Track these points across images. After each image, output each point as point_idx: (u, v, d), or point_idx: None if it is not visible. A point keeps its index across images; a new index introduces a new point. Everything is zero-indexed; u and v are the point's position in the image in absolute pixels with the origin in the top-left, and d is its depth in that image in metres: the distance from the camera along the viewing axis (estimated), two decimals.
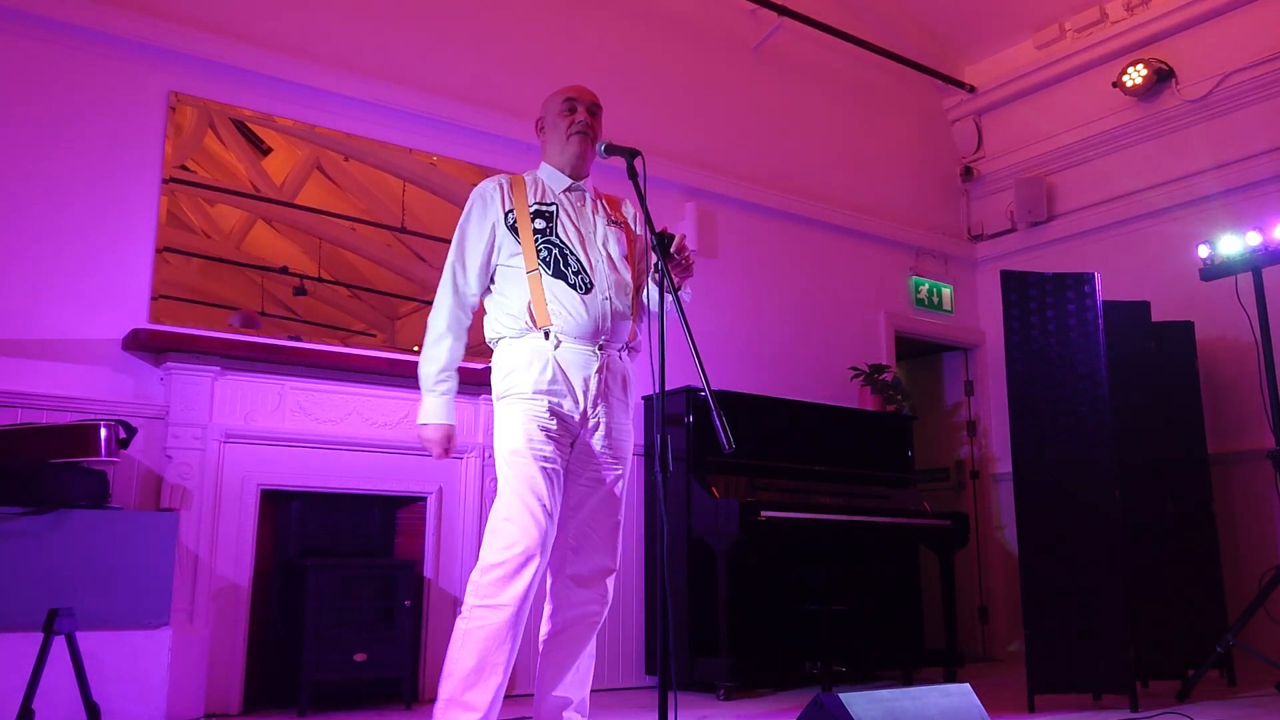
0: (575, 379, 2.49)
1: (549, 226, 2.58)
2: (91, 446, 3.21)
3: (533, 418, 2.45)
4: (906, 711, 2.28)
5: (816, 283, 5.81)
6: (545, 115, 2.76)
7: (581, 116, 2.70)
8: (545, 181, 2.69)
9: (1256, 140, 5.33)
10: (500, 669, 2.31)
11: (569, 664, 2.53)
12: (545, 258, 2.53)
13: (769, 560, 4.71)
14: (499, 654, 2.30)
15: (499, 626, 2.30)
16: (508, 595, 2.31)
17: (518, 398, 2.48)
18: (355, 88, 4.32)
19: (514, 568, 2.33)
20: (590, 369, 2.51)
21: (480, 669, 2.29)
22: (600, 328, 2.52)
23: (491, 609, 2.31)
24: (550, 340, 2.49)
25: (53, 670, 2.48)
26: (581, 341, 2.51)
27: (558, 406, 2.48)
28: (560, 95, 2.75)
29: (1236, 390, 5.16)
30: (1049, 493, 3.85)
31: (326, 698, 3.74)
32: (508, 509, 2.39)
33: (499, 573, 2.33)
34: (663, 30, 5.48)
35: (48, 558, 2.92)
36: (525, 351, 2.50)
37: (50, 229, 3.64)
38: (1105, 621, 3.69)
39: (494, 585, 2.32)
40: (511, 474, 2.43)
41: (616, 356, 2.59)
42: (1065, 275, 4.01)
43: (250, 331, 3.90)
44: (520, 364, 2.49)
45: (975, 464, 6.39)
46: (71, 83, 3.76)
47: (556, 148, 2.70)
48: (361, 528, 4.12)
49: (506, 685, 2.35)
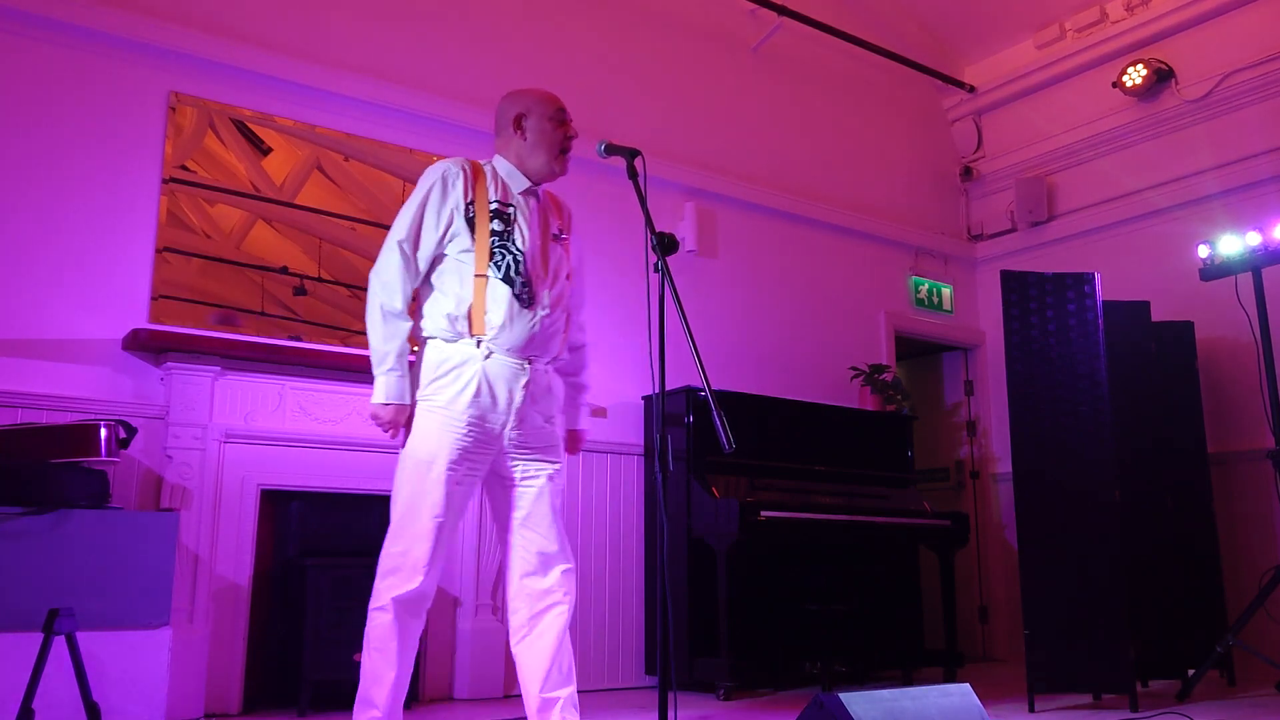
0: (500, 392, 2.49)
1: (506, 230, 2.54)
2: (92, 446, 3.21)
3: (450, 431, 2.46)
4: (906, 711, 2.28)
5: (816, 283, 5.81)
6: (528, 112, 2.64)
7: (572, 133, 2.66)
8: (505, 179, 2.62)
9: (1256, 140, 5.33)
10: (391, 666, 2.41)
11: (545, 662, 2.52)
12: (498, 262, 2.50)
13: (769, 560, 4.71)
14: (388, 654, 2.41)
15: (386, 628, 2.42)
16: (394, 599, 2.42)
17: (436, 408, 2.47)
18: (355, 88, 4.32)
19: (404, 575, 2.43)
20: (517, 383, 2.51)
21: (376, 669, 2.42)
22: (534, 343, 2.52)
23: (381, 611, 2.43)
24: (482, 350, 2.47)
25: (53, 670, 2.48)
26: (513, 354, 2.50)
27: (478, 421, 2.47)
28: (549, 100, 2.67)
29: (1236, 390, 5.15)
30: (1049, 493, 3.85)
31: (326, 698, 3.74)
32: (405, 518, 2.46)
33: (390, 579, 2.44)
34: (663, 30, 5.48)
35: (48, 558, 2.92)
36: (454, 359, 2.48)
37: (50, 229, 3.64)
38: (1105, 621, 3.69)
39: (385, 590, 2.44)
40: (413, 484, 2.46)
41: (543, 370, 2.59)
42: (1065, 275, 4.01)
43: (230, 329, 3.87)
44: (448, 372, 2.48)
45: (975, 464, 6.39)
46: (71, 83, 3.76)
47: (537, 155, 2.62)
48: (361, 528, 4.11)
49: (406, 683, 2.45)
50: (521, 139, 2.64)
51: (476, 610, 4.14)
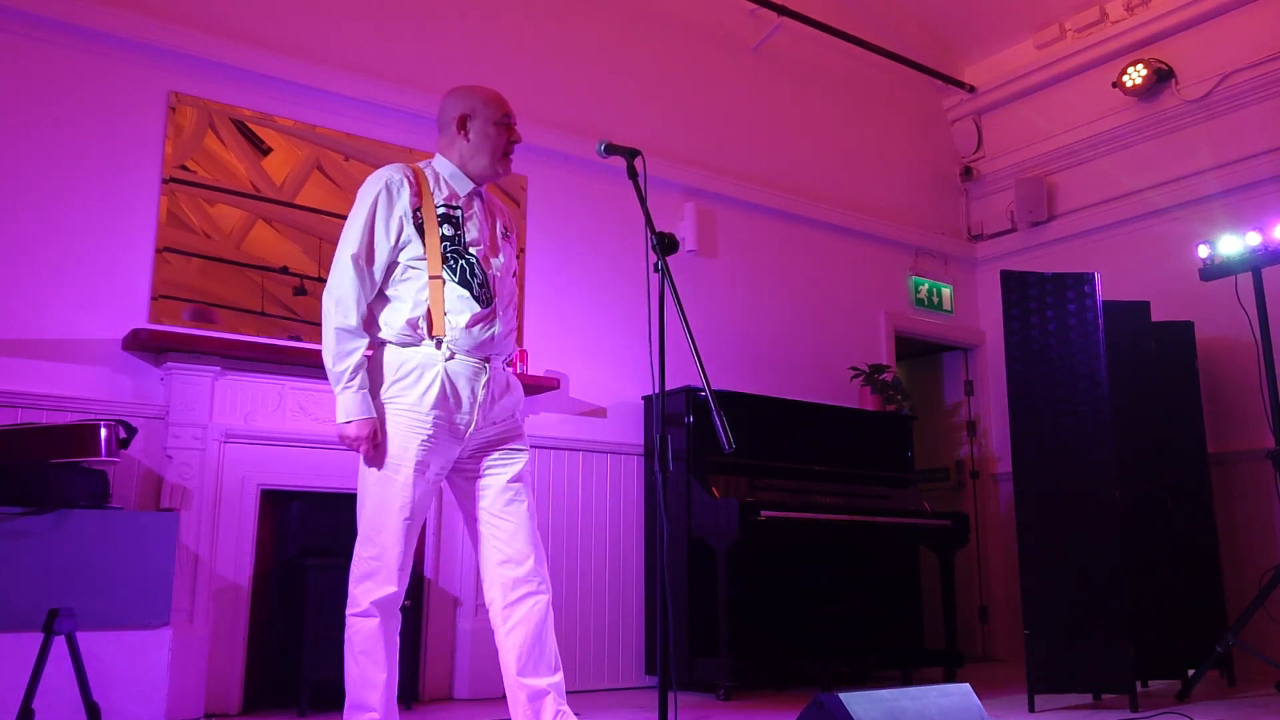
0: (463, 391, 2.49)
1: (457, 234, 2.53)
2: (91, 446, 3.21)
3: (414, 432, 2.46)
4: (906, 711, 2.28)
5: (816, 283, 5.81)
6: (473, 113, 2.63)
7: (516, 137, 2.66)
8: (448, 180, 2.61)
9: (1256, 140, 5.33)
10: (381, 669, 2.43)
11: (528, 651, 2.50)
12: (452, 265, 2.50)
13: (769, 560, 4.71)
14: (376, 656, 2.43)
15: (371, 632, 2.43)
16: (374, 603, 2.43)
17: (400, 410, 2.47)
18: (355, 88, 4.32)
19: (381, 578, 2.43)
20: (478, 381, 2.51)
21: (365, 673, 2.43)
22: (493, 342, 2.53)
23: (362, 618, 2.43)
24: (442, 351, 2.47)
25: (53, 670, 2.48)
26: (472, 354, 2.50)
27: (442, 420, 2.47)
28: (496, 102, 2.65)
29: (1236, 390, 5.15)
30: (1049, 492, 3.85)
31: (326, 698, 3.73)
32: (375, 522, 2.46)
33: (366, 584, 2.44)
34: (663, 30, 5.48)
35: (48, 558, 2.92)
36: (414, 361, 2.48)
37: (50, 229, 3.64)
38: (1105, 621, 3.69)
39: (362, 595, 2.44)
40: (381, 486, 2.46)
41: (500, 368, 2.60)
42: (1065, 275, 4.01)
43: (204, 326, 3.86)
44: (408, 374, 2.47)
45: (975, 464, 6.39)
46: (71, 83, 3.76)
47: (481, 160, 2.62)
48: None
49: (396, 682, 2.47)
50: (465, 140, 2.63)
51: (476, 610, 4.14)
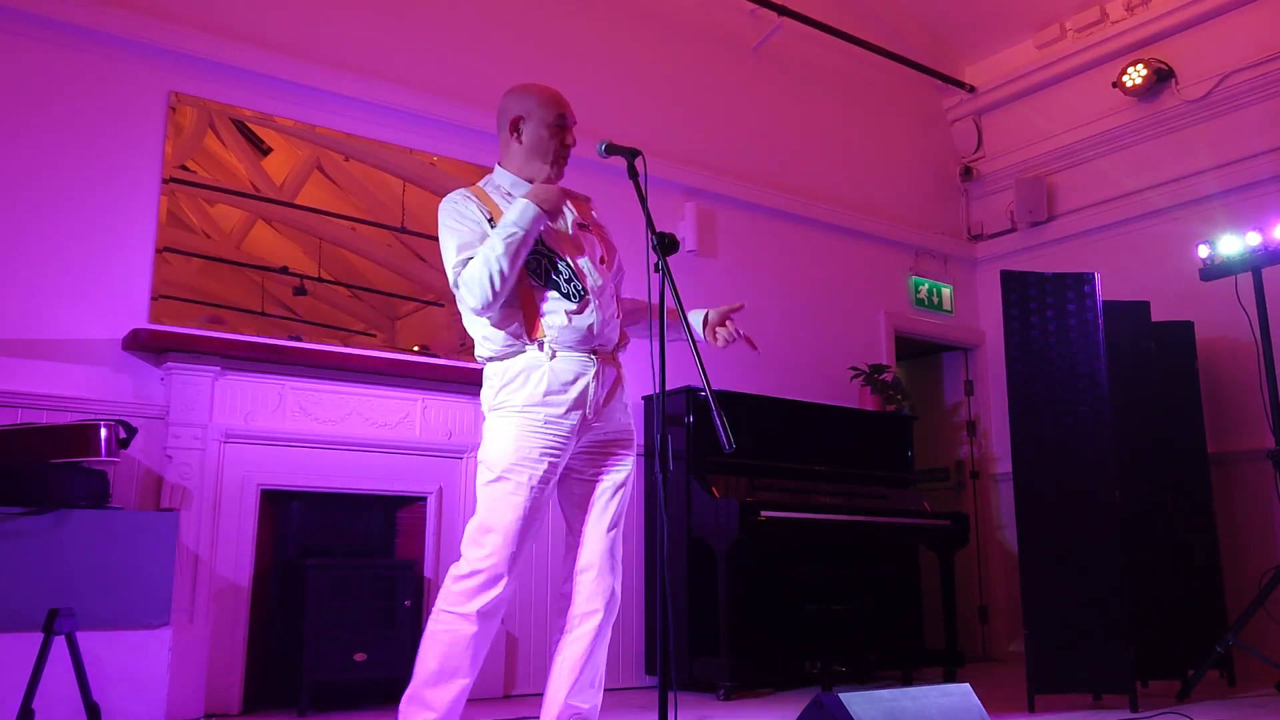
0: (573, 389, 2.46)
1: None
2: (91, 446, 3.21)
3: (528, 433, 2.41)
4: (906, 711, 2.28)
5: (816, 283, 5.81)
6: (527, 116, 2.54)
7: (570, 141, 2.58)
8: (510, 191, 2.56)
9: (1256, 140, 5.33)
10: (462, 674, 2.34)
11: (580, 670, 2.48)
12: (534, 269, 2.47)
13: (769, 560, 4.71)
14: (461, 659, 2.33)
15: (462, 635, 2.33)
16: (473, 607, 2.34)
17: (511, 411, 2.43)
18: (355, 88, 4.32)
19: (483, 582, 2.35)
20: (588, 375, 2.47)
21: (441, 672, 2.33)
22: (594, 334, 2.49)
23: (457, 617, 2.34)
24: (545, 352, 2.45)
25: (53, 670, 2.48)
26: (577, 349, 2.47)
27: (554, 418, 2.43)
28: (551, 104, 2.56)
29: (1236, 390, 5.15)
30: (1049, 492, 3.85)
31: (326, 698, 3.74)
32: (488, 522, 2.39)
33: (469, 584, 2.35)
34: (663, 30, 5.48)
35: (48, 558, 2.92)
36: (519, 365, 2.45)
37: (50, 229, 3.64)
38: (1105, 621, 3.69)
39: (463, 595, 2.35)
40: (497, 489, 2.40)
41: (608, 359, 2.57)
42: (1065, 275, 4.01)
43: (220, 328, 3.86)
44: (515, 378, 2.44)
45: (975, 464, 6.39)
46: (71, 83, 3.76)
47: (534, 165, 2.56)
48: (361, 528, 4.12)
49: (470, 690, 2.37)
50: (518, 143, 2.58)
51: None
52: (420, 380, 4.15)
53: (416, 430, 4.14)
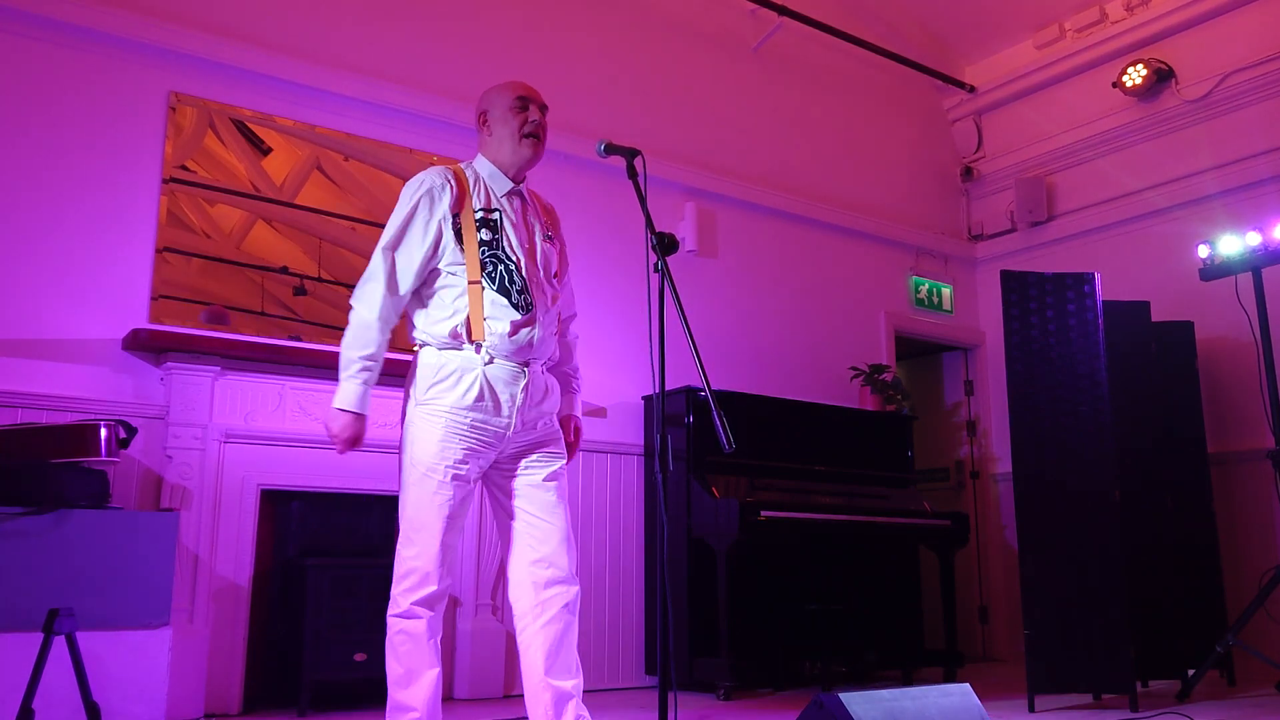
0: (502, 395, 2.47)
1: (495, 239, 2.52)
2: (91, 446, 3.21)
3: (454, 434, 2.44)
4: (906, 711, 2.28)
5: (817, 283, 5.81)
6: (490, 108, 2.61)
7: (535, 116, 2.59)
8: (487, 181, 2.60)
9: (1256, 140, 5.33)
10: (427, 665, 2.40)
11: (555, 650, 2.50)
12: (490, 272, 2.48)
13: (769, 560, 4.71)
14: (422, 654, 2.40)
15: (415, 632, 2.41)
16: (415, 602, 2.41)
17: (439, 411, 2.46)
18: (355, 88, 4.32)
19: (418, 580, 2.42)
20: (517, 385, 2.49)
21: (409, 672, 2.40)
22: (532, 347, 2.51)
23: (404, 618, 2.41)
24: (482, 355, 2.46)
25: (53, 670, 2.48)
26: (512, 359, 2.48)
27: (481, 423, 2.46)
28: (509, 90, 2.61)
29: (1236, 390, 5.15)
30: (1049, 492, 3.85)
31: (326, 698, 3.74)
32: (416, 522, 2.45)
33: (407, 584, 2.42)
34: (663, 30, 5.48)
35: (48, 558, 2.92)
36: (454, 364, 2.46)
37: (50, 229, 3.64)
38: (1105, 621, 3.69)
39: (404, 595, 2.42)
40: (421, 488, 2.45)
41: (539, 372, 2.58)
42: (1065, 275, 4.01)
43: (222, 328, 3.86)
44: (448, 376, 2.46)
45: (975, 464, 6.39)
46: (71, 83, 3.76)
47: (505, 146, 2.59)
48: (361, 528, 4.12)
49: (439, 682, 2.43)
50: (488, 134, 2.63)
51: (476, 610, 4.14)
52: None
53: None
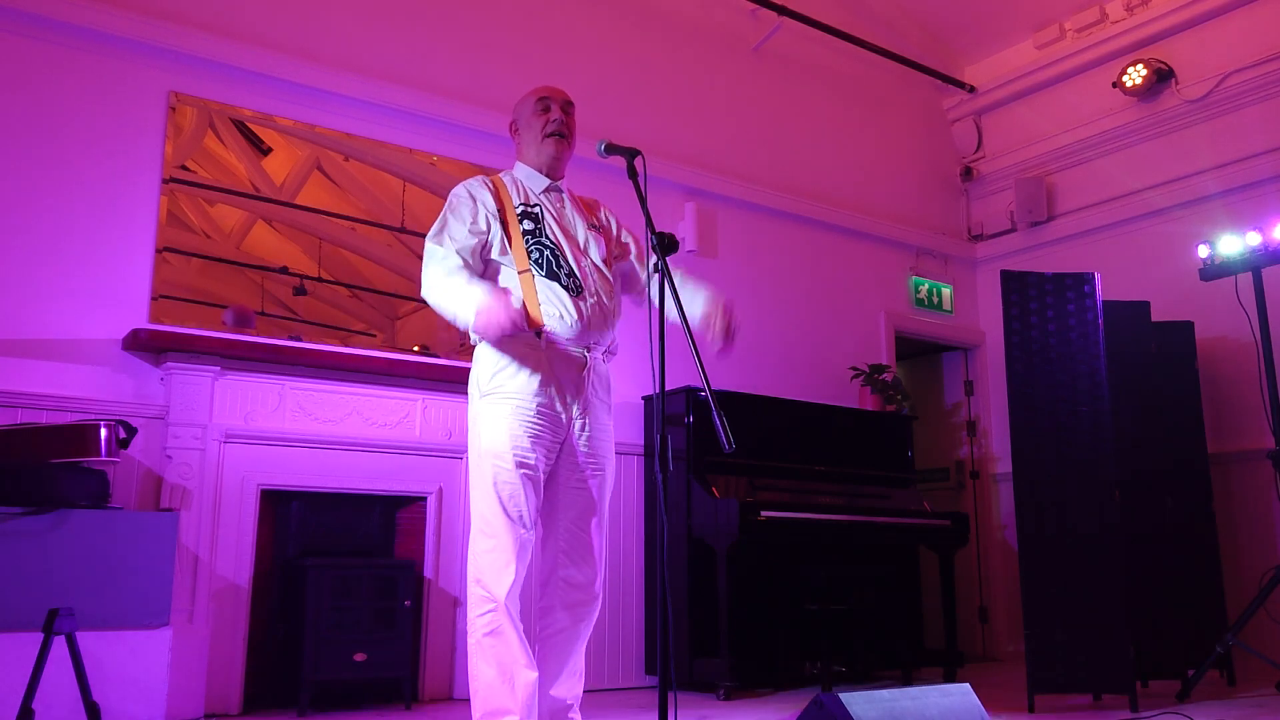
0: (565, 380, 2.48)
1: (538, 228, 2.56)
2: (91, 446, 3.21)
3: (521, 421, 2.43)
4: (906, 711, 2.28)
5: (817, 283, 5.81)
6: (519, 116, 2.74)
7: (556, 115, 2.67)
8: (524, 182, 2.67)
9: (1256, 140, 5.33)
10: (520, 665, 2.36)
11: (565, 664, 2.52)
12: (537, 259, 2.51)
13: (769, 560, 4.71)
14: (514, 651, 2.36)
15: (501, 629, 2.36)
16: (497, 597, 2.37)
17: (504, 398, 2.44)
18: (355, 88, 4.32)
19: (497, 572, 2.39)
20: (579, 370, 2.51)
21: (503, 674, 2.35)
22: (590, 330, 2.51)
23: (491, 614, 2.37)
24: (542, 341, 2.47)
25: (53, 670, 2.48)
26: (571, 344, 2.49)
27: (546, 409, 2.46)
28: (533, 95, 2.72)
29: (1236, 390, 5.15)
30: (1049, 492, 3.84)
31: (326, 698, 3.74)
32: (488, 516, 2.42)
33: (487, 577, 2.39)
34: (663, 30, 5.48)
35: (48, 558, 2.92)
36: (516, 351, 2.46)
37: (50, 229, 3.64)
38: (1105, 621, 3.69)
39: (486, 592, 2.39)
40: (492, 478, 2.42)
41: (600, 359, 2.59)
42: (1065, 275, 4.01)
43: (246, 330, 3.89)
44: (510, 363, 2.46)
45: (975, 464, 6.39)
46: (71, 83, 3.76)
47: (533, 149, 2.69)
48: (361, 528, 4.12)
49: (535, 679, 2.38)
50: (519, 140, 2.74)
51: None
52: (420, 380, 4.15)
53: (416, 430, 4.14)
